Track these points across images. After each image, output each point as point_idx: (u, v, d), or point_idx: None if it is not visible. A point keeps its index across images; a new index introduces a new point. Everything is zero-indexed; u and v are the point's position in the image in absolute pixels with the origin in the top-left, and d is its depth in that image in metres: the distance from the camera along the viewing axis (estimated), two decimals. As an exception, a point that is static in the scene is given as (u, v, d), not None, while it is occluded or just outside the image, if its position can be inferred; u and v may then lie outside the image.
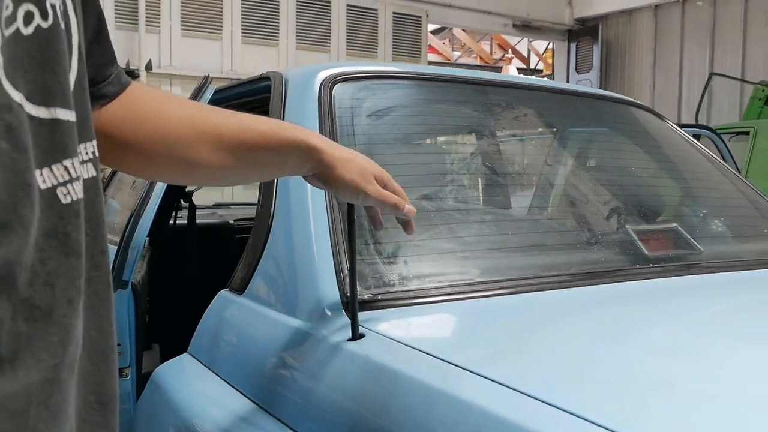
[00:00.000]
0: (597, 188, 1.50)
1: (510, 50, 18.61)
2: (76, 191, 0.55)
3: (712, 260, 1.43)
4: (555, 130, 1.70)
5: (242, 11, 7.57)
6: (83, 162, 0.58)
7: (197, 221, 2.61)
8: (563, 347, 0.91)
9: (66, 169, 0.54)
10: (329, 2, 8.13)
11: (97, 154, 0.61)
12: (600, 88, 9.94)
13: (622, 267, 1.29)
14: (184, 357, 1.41)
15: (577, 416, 0.66)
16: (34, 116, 0.51)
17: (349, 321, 0.99)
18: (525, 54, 19.23)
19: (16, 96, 0.49)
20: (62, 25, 0.55)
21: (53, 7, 0.53)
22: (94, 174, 0.60)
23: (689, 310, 1.15)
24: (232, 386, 1.20)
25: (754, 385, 0.76)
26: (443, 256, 1.20)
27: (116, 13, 6.89)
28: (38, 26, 0.52)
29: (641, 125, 1.83)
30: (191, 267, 2.27)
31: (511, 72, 15.95)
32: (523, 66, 18.57)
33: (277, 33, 7.81)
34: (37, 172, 0.51)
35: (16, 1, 0.49)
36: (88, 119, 0.60)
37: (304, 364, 1.04)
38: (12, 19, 0.49)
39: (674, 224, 1.46)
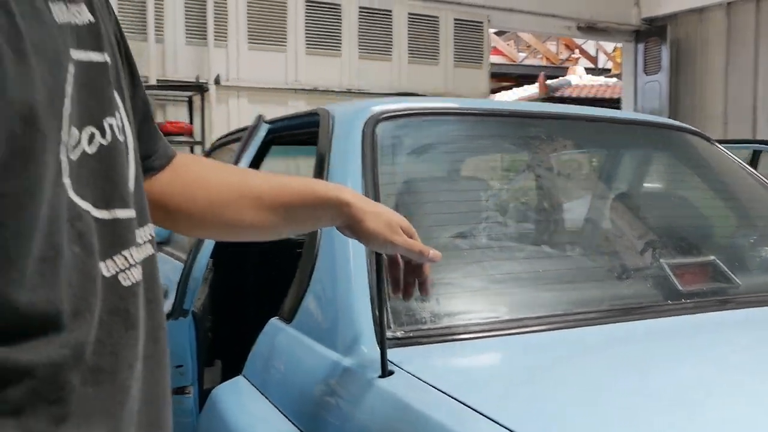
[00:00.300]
0: (633, 220, 1.54)
1: (577, 50, 18.33)
2: (135, 276, 0.66)
3: (750, 294, 1.44)
4: (593, 161, 1.74)
5: (306, 23, 7.75)
6: (142, 244, 0.69)
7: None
8: (582, 391, 0.96)
9: (125, 258, 0.65)
10: (390, 12, 8.22)
11: (153, 235, 0.72)
12: (669, 91, 9.71)
13: (653, 303, 1.32)
14: (239, 379, 1.52)
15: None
16: (98, 218, 0.62)
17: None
18: (593, 53, 18.91)
19: (85, 206, 0.61)
20: (120, 138, 0.66)
21: (110, 126, 0.64)
22: (152, 252, 0.71)
23: (714, 349, 1.19)
24: (279, 411, 1.30)
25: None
26: (474, 294, 1.27)
27: (186, 30, 7.17)
28: (100, 145, 0.63)
29: (684, 151, 1.85)
30: (252, 282, 2.40)
31: (578, 72, 15.72)
32: (591, 66, 18.27)
33: (340, 44, 7.96)
34: (102, 264, 0.62)
35: (80, 126, 0.60)
36: (145, 208, 0.71)
37: (340, 396, 1.13)
38: (77, 142, 0.60)
39: (712, 256, 1.48)
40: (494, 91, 18.30)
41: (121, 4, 6.78)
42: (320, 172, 1.52)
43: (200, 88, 6.98)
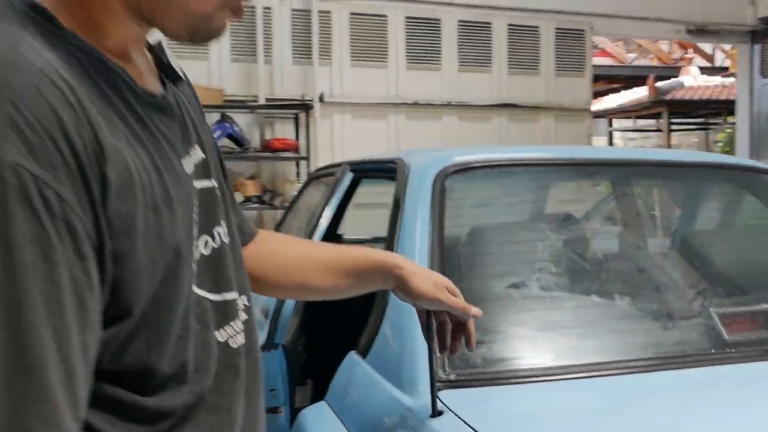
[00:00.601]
0: (687, 268, 1.62)
1: (691, 49, 17.58)
2: (240, 340, 0.91)
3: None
4: (654, 209, 1.82)
5: (406, 39, 7.96)
6: (242, 310, 0.93)
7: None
8: None
9: (233, 327, 0.90)
10: (489, 24, 8.30)
11: (249, 304, 0.95)
12: (787, 93, 9.22)
13: (698, 352, 1.41)
14: (322, 403, 1.72)
15: None
16: (213, 300, 0.87)
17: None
18: (709, 51, 18.07)
19: (203, 293, 0.85)
20: (225, 240, 0.91)
21: (218, 233, 0.90)
22: (247, 317, 0.94)
23: (753, 401, 1.27)
24: (352, 436, 1.49)
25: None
26: (524, 341, 1.40)
27: (293, 50, 7.55)
28: (212, 248, 0.88)
29: (757, 195, 1.89)
30: (338, 312, 2.62)
31: (692, 73, 15.08)
32: (707, 64, 17.46)
33: (440, 57, 8.12)
34: (216, 333, 0.87)
35: (198, 236, 0.84)
36: (244, 283, 0.94)
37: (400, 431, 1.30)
38: (196, 248, 0.84)
39: (765, 305, 1.54)
40: (602, 93, 17.85)
41: (233, 28, 7.23)
42: (395, 215, 1.70)
43: (305, 106, 7.33)
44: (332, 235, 2.83)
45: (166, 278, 0.75)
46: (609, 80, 17.54)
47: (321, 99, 7.54)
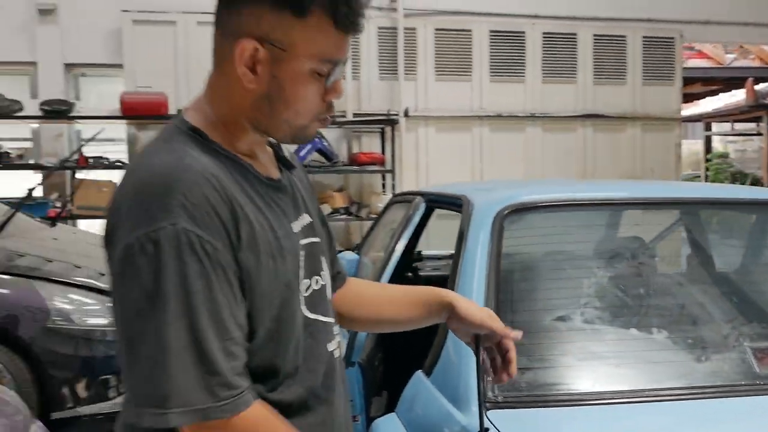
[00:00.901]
0: (724, 304, 1.75)
1: (796, 48, 16.74)
2: (341, 350, 1.28)
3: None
4: (699, 246, 1.95)
5: (490, 52, 8.10)
6: (337, 331, 1.29)
7: (432, 273, 3.26)
8: None
9: (336, 341, 1.27)
10: (575, 35, 8.32)
11: (337, 330, 1.29)
12: None
13: (729, 383, 1.56)
14: (393, 415, 1.96)
15: None
16: (324, 322, 1.23)
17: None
18: (817, 49, 17.16)
19: (314, 317, 1.20)
20: (327, 282, 1.27)
21: (322, 275, 1.24)
22: (340, 339, 1.29)
23: None
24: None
25: None
26: (566, 368, 1.59)
27: (379, 67, 7.85)
28: (321, 285, 1.24)
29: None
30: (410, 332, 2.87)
31: (794, 74, 14.41)
32: (814, 64, 16.60)
33: (524, 69, 8.21)
34: (327, 344, 1.23)
35: (309, 276, 1.20)
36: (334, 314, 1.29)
37: (454, 446, 1.52)
38: (308, 286, 1.20)
39: (798, 340, 1.66)
40: (699, 96, 17.30)
41: (323, 48, 7.59)
42: (459, 247, 1.93)
43: (391, 120, 7.61)
44: (410, 255, 3.07)
45: (283, 304, 1.13)
46: (706, 82, 16.99)
47: (406, 113, 7.80)
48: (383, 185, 7.71)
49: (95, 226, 6.69)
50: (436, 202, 2.51)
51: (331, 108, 1.17)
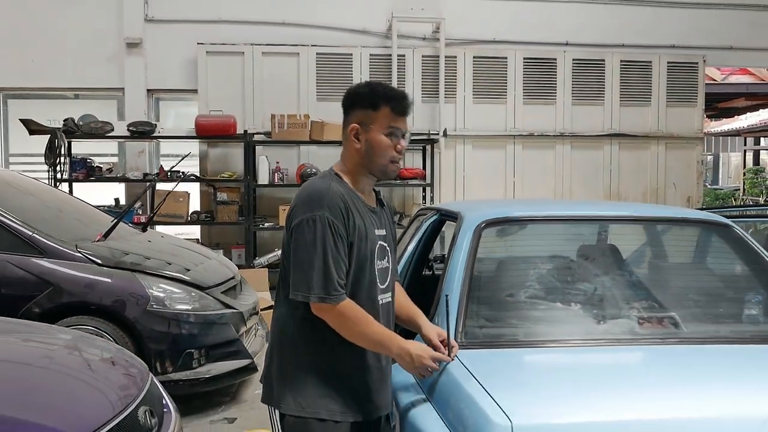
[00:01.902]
0: (625, 290, 2.59)
1: (839, 64, 16.92)
2: (385, 303, 2.27)
3: (693, 336, 2.43)
4: (617, 250, 2.78)
5: (524, 77, 8.92)
6: (389, 298, 2.29)
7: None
8: (563, 378, 2.13)
9: (385, 297, 2.25)
10: (603, 61, 9.06)
11: (392, 299, 2.28)
12: None
13: (619, 337, 2.40)
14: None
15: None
16: (380, 287, 2.23)
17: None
18: None
19: (376, 278, 2.22)
20: (390, 266, 2.30)
21: (387, 261, 2.23)
22: (391, 300, 2.29)
23: (645, 358, 2.25)
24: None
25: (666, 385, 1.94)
26: (510, 326, 2.46)
27: (422, 91, 8.76)
28: (385, 267, 2.26)
29: (694, 238, 2.81)
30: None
31: (834, 91, 14.69)
32: None
33: (555, 92, 9.00)
34: (379, 297, 2.21)
35: (381, 259, 2.24)
36: (393, 288, 2.26)
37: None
38: (381, 264, 2.25)
39: (671, 312, 2.49)
40: (742, 111, 17.62)
41: (373, 75, 8.55)
42: (452, 246, 2.79)
43: (431, 140, 8.50)
44: (427, 255, 3.94)
45: (362, 265, 2.15)
46: (749, 97, 17.31)
47: (445, 133, 8.68)
48: (423, 197, 8.58)
49: (174, 231, 7.77)
50: (445, 215, 3.39)
51: (400, 155, 2.22)
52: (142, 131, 8.02)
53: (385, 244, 2.28)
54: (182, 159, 6.59)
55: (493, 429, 1.78)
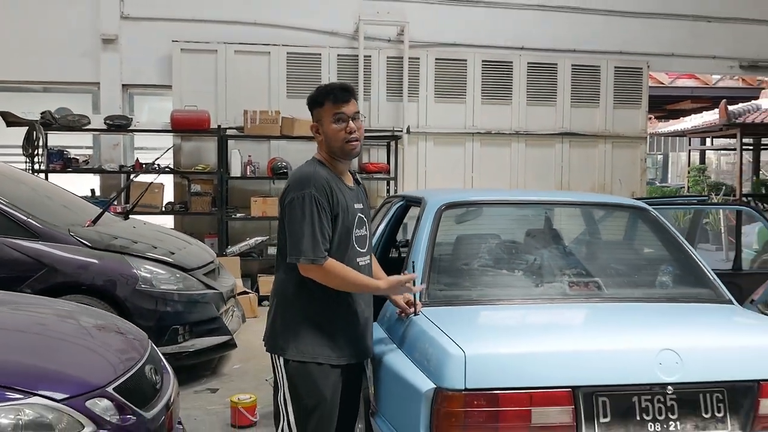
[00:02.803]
0: (568, 260, 3.15)
1: (777, 70, 17.94)
2: (365, 265, 2.75)
3: (612, 297, 2.99)
4: (556, 228, 3.34)
5: (482, 79, 9.51)
6: (367, 261, 2.80)
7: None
8: (503, 319, 2.66)
9: (364, 259, 2.75)
10: (555, 64, 9.69)
11: (371, 260, 2.79)
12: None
13: (552, 297, 2.95)
14: (375, 324, 3.34)
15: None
16: (359, 251, 2.74)
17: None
18: (800, 71, 18.35)
19: (355, 244, 2.72)
20: (366, 233, 2.78)
21: (366, 228, 2.76)
22: (370, 262, 2.82)
23: (572, 311, 2.80)
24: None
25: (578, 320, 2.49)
26: (463, 288, 2.98)
27: (387, 90, 9.27)
28: (363, 234, 2.76)
29: (621, 219, 3.38)
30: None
31: (771, 96, 15.66)
32: (797, 85, 17.79)
33: (511, 93, 9.60)
34: (358, 260, 2.73)
35: (359, 228, 2.70)
36: (370, 252, 2.78)
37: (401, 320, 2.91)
38: (359, 233, 2.72)
39: (596, 278, 3.05)
40: (688, 112, 18.56)
41: (341, 74, 9.03)
42: (417, 226, 3.31)
43: (395, 136, 9.02)
44: (394, 236, 4.45)
45: (345, 233, 2.66)
46: (695, 100, 18.26)
47: (408, 130, 9.21)
48: (387, 190, 9.10)
49: (149, 221, 8.12)
50: (410, 201, 3.91)
51: (352, 134, 2.66)
52: (119, 125, 8.35)
53: (363, 216, 2.76)
54: (165, 152, 6.98)
55: (451, 358, 2.30)
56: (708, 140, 19.19)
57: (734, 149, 15.22)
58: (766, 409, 2.47)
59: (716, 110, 15.95)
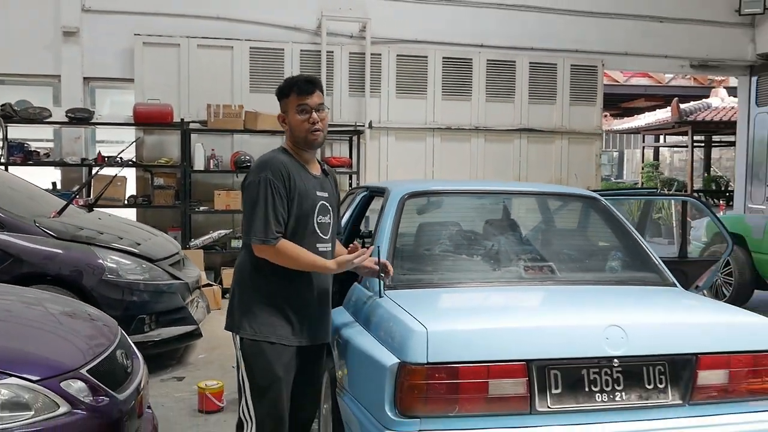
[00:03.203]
0: (524, 245, 3.34)
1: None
2: (326, 252, 2.86)
3: (565, 280, 3.19)
4: (513, 216, 3.54)
5: (443, 75, 9.70)
6: (329, 248, 2.91)
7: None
8: (460, 300, 2.83)
9: (325, 245, 2.87)
10: (514, 62, 9.94)
11: (332, 248, 2.93)
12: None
13: (508, 280, 3.13)
14: (341, 308, 3.48)
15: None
16: (322, 238, 2.86)
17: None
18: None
19: (316, 229, 2.85)
20: (330, 221, 2.90)
21: (329, 216, 2.88)
22: (331, 249, 2.94)
23: (526, 292, 2.98)
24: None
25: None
26: (425, 272, 3.15)
27: (349, 86, 9.40)
28: (326, 221, 2.88)
29: (574, 208, 3.59)
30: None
31: (720, 95, 16.25)
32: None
33: (470, 90, 9.82)
34: (320, 244, 2.85)
35: (321, 215, 2.84)
36: (334, 241, 2.90)
37: (365, 302, 3.06)
38: (321, 220, 2.89)
39: (550, 262, 3.24)
40: (643, 110, 19.09)
41: (304, 69, 9.12)
42: (381, 214, 3.46)
43: (357, 131, 9.16)
44: (358, 225, 4.60)
45: (302, 219, 2.78)
46: (649, 98, 18.81)
47: (370, 125, 9.36)
48: (350, 184, 9.22)
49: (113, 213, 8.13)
50: (374, 191, 4.06)
51: (314, 125, 2.79)
52: (81, 117, 8.32)
53: (327, 204, 2.87)
54: (130, 145, 7.01)
55: (414, 334, 2.45)
56: (662, 137, 19.79)
57: (686, 146, 15.77)
58: (703, 380, 2.67)
59: (669, 108, 16.52)
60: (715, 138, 16.89)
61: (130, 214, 8.75)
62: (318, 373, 3.03)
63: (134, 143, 7.05)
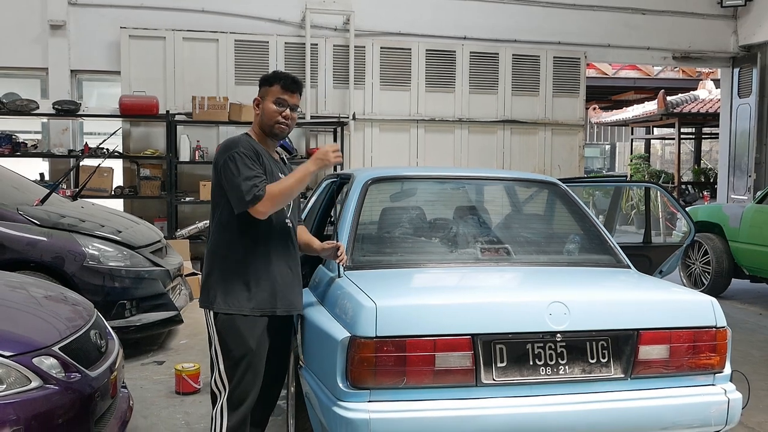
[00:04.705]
0: (479, 229, 3.47)
1: (714, 63, 18.66)
2: (291, 226, 3.02)
3: (519, 261, 3.32)
4: (473, 201, 3.67)
5: (426, 68, 9.81)
6: (292, 224, 3.04)
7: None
8: (419, 282, 2.96)
9: (290, 221, 3.02)
10: (497, 54, 10.05)
11: (294, 224, 3.07)
12: (758, 113, 10.67)
13: (465, 262, 3.26)
14: (306, 289, 3.61)
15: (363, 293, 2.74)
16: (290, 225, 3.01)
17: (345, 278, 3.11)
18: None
19: (288, 222, 2.99)
20: (291, 204, 3.01)
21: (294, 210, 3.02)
22: (293, 225, 3.07)
23: (480, 272, 3.11)
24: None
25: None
26: (384, 254, 3.28)
27: (334, 78, 9.51)
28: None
29: (536, 193, 3.72)
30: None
31: (707, 87, 16.38)
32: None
33: (454, 82, 9.93)
34: (286, 220, 2.99)
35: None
36: (295, 220, 3.07)
37: (327, 283, 3.19)
38: (290, 211, 3.03)
39: (507, 245, 3.37)
40: (632, 103, 19.21)
41: (289, 61, 9.24)
42: (345, 198, 3.58)
43: (342, 122, 9.28)
44: (328, 210, 4.72)
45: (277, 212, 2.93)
46: (638, 91, 18.93)
47: (354, 117, 9.48)
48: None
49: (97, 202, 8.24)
50: (343, 178, 4.18)
51: (285, 120, 2.93)
52: (68, 109, 8.43)
53: None
54: (111, 135, 7.11)
55: (364, 309, 2.58)
56: (653, 130, 19.92)
57: (674, 138, 15.91)
58: (644, 355, 2.79)
59: (642, 105, 16.64)
60: (705, 130, 17.02)
61: (117, 204, 8.86)
62: (287, 350, 3.17)
63: (116, 133, 7.14)
